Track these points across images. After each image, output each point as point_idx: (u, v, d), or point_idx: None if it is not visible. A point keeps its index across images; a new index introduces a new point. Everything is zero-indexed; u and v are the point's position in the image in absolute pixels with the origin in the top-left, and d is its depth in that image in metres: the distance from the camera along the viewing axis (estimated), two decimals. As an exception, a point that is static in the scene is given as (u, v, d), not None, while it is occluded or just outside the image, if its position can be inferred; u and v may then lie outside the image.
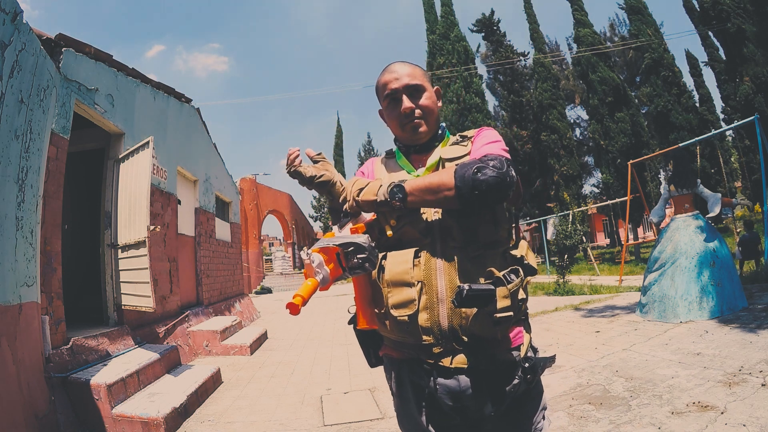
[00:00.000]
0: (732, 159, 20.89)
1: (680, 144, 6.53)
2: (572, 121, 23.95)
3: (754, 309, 4.35)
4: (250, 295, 13.21)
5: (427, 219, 0.95)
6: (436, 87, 1.11)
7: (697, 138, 7.93)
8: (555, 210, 16.73)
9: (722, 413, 2.22)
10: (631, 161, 8.16)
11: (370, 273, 0.93)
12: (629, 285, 8.56)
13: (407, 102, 1.02)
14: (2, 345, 2.28)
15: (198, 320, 5.77)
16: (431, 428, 0.97)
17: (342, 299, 11.25)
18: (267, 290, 17.61)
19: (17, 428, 2.23)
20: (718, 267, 4.58)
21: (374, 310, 0.97)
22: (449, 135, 1.12)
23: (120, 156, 4.15)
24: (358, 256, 0.83)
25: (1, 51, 2.42)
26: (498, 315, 0.85)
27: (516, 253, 0.94)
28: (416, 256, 0.92)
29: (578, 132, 24.92)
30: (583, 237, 14.58)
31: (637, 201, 13.02)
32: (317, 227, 32.27)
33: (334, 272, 0.82)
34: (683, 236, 4.85)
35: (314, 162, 1.05)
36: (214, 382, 3.86)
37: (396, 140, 1.13)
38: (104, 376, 2.90)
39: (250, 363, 4.81)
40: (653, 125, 18.66)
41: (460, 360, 0.90)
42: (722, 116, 19.32)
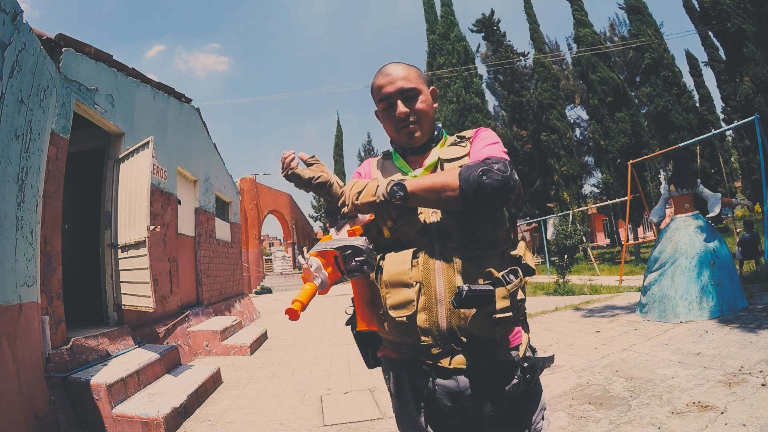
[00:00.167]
0: (732, 159, 20.89)
1: (680, 144, 6.53)
2: (572, 121, 23.96)
3: (754, 309, 4.35)
4: (250, 295, 13.21)
5: (425, 220, 0.95)
6: (432, 87, 1.10)
7: (697, 138, 7.93)
8: (555, 210, 16.72)
9: (722, 413, 2.22)
10: (631, 161, 8.16)
11: (369, 275, 0.93)
12: (629, 285, 8.56)
13: (401, 107, 1.02)
14: (2, 345, 2.28)
15: (198, 320, 5.77)
16: (430, 429, 0.97)
17: (342, 299, 11.24)
18: (267, 290, 17.62)
19: (17, 428, 2.23)
20: (718, 267, 4.58)
21: (373, 312, 0.97)
22: (446, 135, 1.12)
23: (120, 156, 4.15)
24: (356, 259, 0.83)
25: (1, 51, 2.42)
26: (497, 315, 0.85)
27: (514, 254, 0.94)
28: (414, 257, 0.92)
29: (578, 132, 24.94)
30: (583, 237, 14.58)
31: (637, 201, 13.02)
32: (317, 227, 32.27)
33: (333, 276, 0.82)
34: (683, 236, 4.85)
35: (308, 165, 1.04)
36: (214, 382, 3.86)
37: (392, 142, 1.13)
38: (104, 376, 2.90)
39: (250, 363, 4.81)
40: (653, 125, 18.65)
41: (459, 360, 0.90)
42: (722, 116, 19.32)
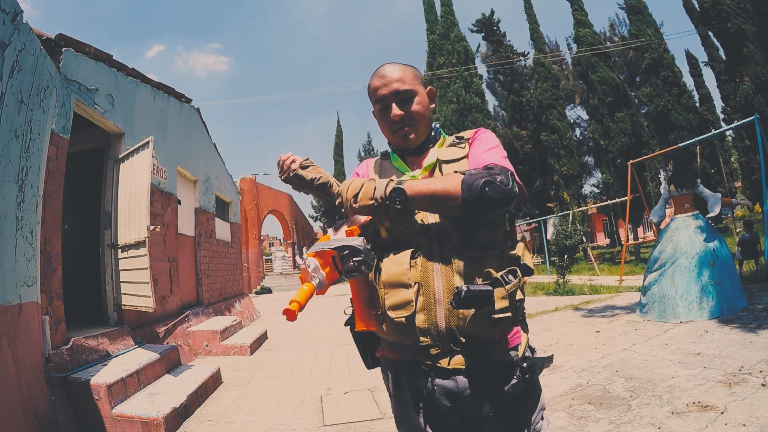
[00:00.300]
0: (732, 159, 20.89)
1: (680, 144, 6.53)
2: (572, 121, 23.95)
3: (754, 309, 4.35)
4: (250, 295, 13.21)
5: (423, 220, 0.95)
6: (429, 87, 1.09)
7: (697, 138, 7.93)
8: (555, 210, 16.70)
9: (722, 413, 2.22)
10: (631, 161, 8.16)
11: (367, 275, 0.93)
12: (629, 285, 8.56)
13: (396, 109, 1.01)
14: (2, 345, 2.28)
15: (198, 320, 5.77)
16: (429, 429, 0.97)
17: (341, 299, 11.24)
18: (267, 290, 17.62)
19: (17, 428, 2.22)
20: (718, 267, 4.58)
21: (371, 312, 0.97)
22: (445, 135, 1.11)
23: (120, 156, 4.15)
24: (354, 259, 0.82)
25: (1, 51, 2.42)
26: (496, 316, 0.84)
27: (513, 254, 0.94)
28: (413, 257, 0.92)
29: (578, 132, 24.94)
30: (583, 237, 14.57)
31: (637, 201, 13.02)
32: (317, 227, 32.27)
33: (330, 276, 0.81)
34: (683, 236, 4.85)
35: (303, 168, 1.02)
36: (214, 382, 3.86)
37: (390, 142, 1.13)
38: (104, 376, 2.90)
39: (250, 363, 4.81)
40: (653, 125, 18.65)
41: (458, 361, 0.90)
42: (722, 116, 19.32)
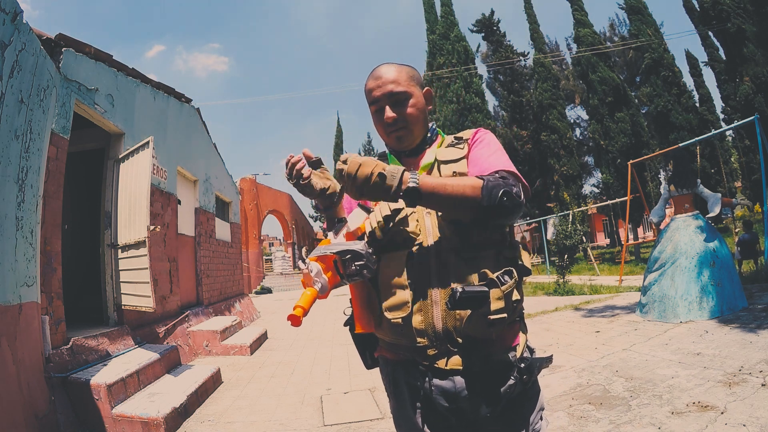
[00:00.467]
0: (732, 159, 20.88)
1: (680, 144, 6.53)
2: (572, 121, 23.94)
3: (754, 309, 4.35)
4: (250, 295, 13.21)
5: (419, 220, 0.94)
6: (427, 88, 1.08)
7: (697, 138, 7.92)
8: (555, 210, 16.69)
9: (722, 413, 2.22)
10: (631, 161, 8.15)
11: (368, 279, 0.93)
12: (629, 285, 8.56)
13: (389, 112, 1.00)
14: (2, 345, 2.28)
15: (198, 320, 5.77)
16: (427, 429, 0.97)
17: (341, 299, 11.21)
18: (267, 290, 17.62)
19: (17, 428, 2.23)
20: (718, 267, 4.58)
21: (371, 314, 0.97)
22: (444, 135, 1.10)
23: (120, 156, 4.15)
24: (356, 264, 0.82)
25: (1, 51, 2.42)
26: (492, 317, 0.84)
27: (510, 254, 0.94)
28: (409, 259, 0.92)
29: (578, 132, 24.92)
30: (583, 237, 14.56)
31: (637, 201, 13.01)
32: (317, 227, 32.26)
33: (332, 280, 0.82)
34: (683, 236, 4.85)
35: (315, 167, 0.98)
36: (214, 382, 3.86)
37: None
38: (104, 376, 2.90)
39: (250, 363, 4.81)
40: (653, 125, 18.65)
41: (455, 362, 0.90)
42: (722, 116, 19.31)
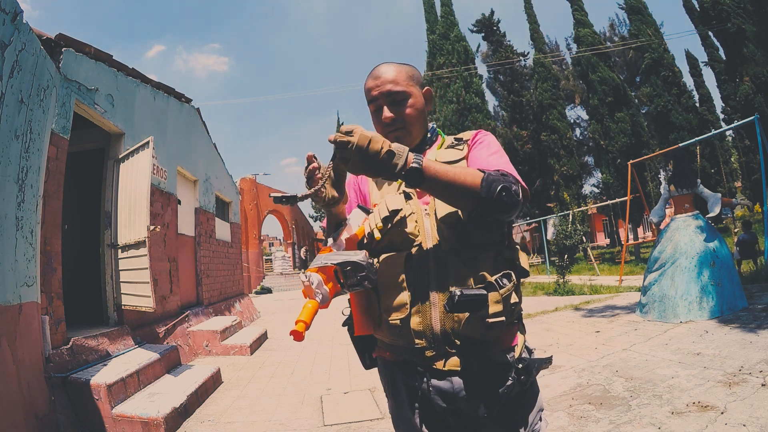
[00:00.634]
0: (732, 159, 20.87)
1: (680, 144, 6.53)
2: (572, 121, 23.93)
3: (754, 309, 4.35)
4: (250, 295, 13.20)
5: (418, 222, 0.94)
6: (426, 88, 1.07)
7: (697, 138, 7.92)
8: (555, 210, 16.70)
9: (722, 413, 2.22)
10: (631, 161, 8.16)
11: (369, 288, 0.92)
12: (629, 285, 8.56)
13: (387, 112, 1.00)
14: (2, 345, 2.28)
15: (198, 320, 5.77)
16: (425, 430, 0.97)
17: (341, 299, 11.21)
18: (267, 290, 17.62)
19: (17, 428, 2.22)
20: (718, 267, 4.58)
21: (370, 317, 0.97)
22: (444, 136, 1.10)
23: (120, 156, 4.15)
24: (358, 275, 0.83)
25: (1, 51, 2.42)
26: (490, 320, 0.85)
27: (509, 255, 0.94)
28: (407, 260, 0.92)
29: (578, 132, 24.91)
30: (583, 237, 14.57)
31: (637, 201, 13.01)
32: (317, 227, 32.26)
33: (333, 290, 0.82)
34: (683, 236, 4.85)
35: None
36: (214, 382, 3.86)
37: None
38: (104, 376, 2.90)
39: (250, 363, 4.80)
40: (653, 125, 18.65)
41: (453, 363, 0.90)
42: (722, 116, 19.30)
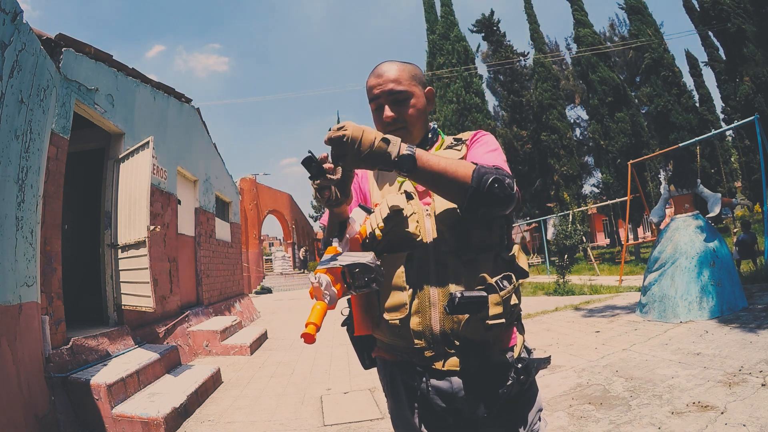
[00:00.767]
0: (732, 159, 20.87)
1: (680, 144, 6.53)
2: (572, 121, 23.93)
3: (754, 309, 4.35)
4: (250, 295, 13.20)
5: (419, 222, 0.94)
6: (429, 88, 1.07)
7: (697, 138, 7.92)
8: (555, 210, 16.71)
9: (722, 413, 2.22)
10: (631, 161, 8.16)
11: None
12: (629, 285, 8.56)
13: (388, 111, 0.99)
14: (2, 345, 2.28)
15: (198, 320, 5.77)
16: (424, 430, 0.97)
17: (342, 299, 11.23)
18: (267, 290, 17.61)
19: (17, 428, 2.22)
20: (718, 267, 4.58)
21: (370, 317, 0.97)
22: (444, 136, 1.10)
23: (120, 156, 4.15)
24: (366, 277, 0.83)
25: (1, 51, 2.42)
26: (490, 322, 0.85)
27: (508, 257, 0.94)
28: (408, 260, 0.92)
29: (578, 132, 24.91)
30: (583, 237, 14.58)
31: (637, 201, 13.01)
32: (317, 227, 32.27)
33: (340, 291, 0.82)
34: (683, 236, 4.85)
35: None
36: (214, 382, 3.86)
37: None
38: (104, 376, 2.90)
39: (250, 363, 4.81)
40: (653, 125, 18.65)
41: (452, 363, 0.90)
42: (722, 116, 19.29)
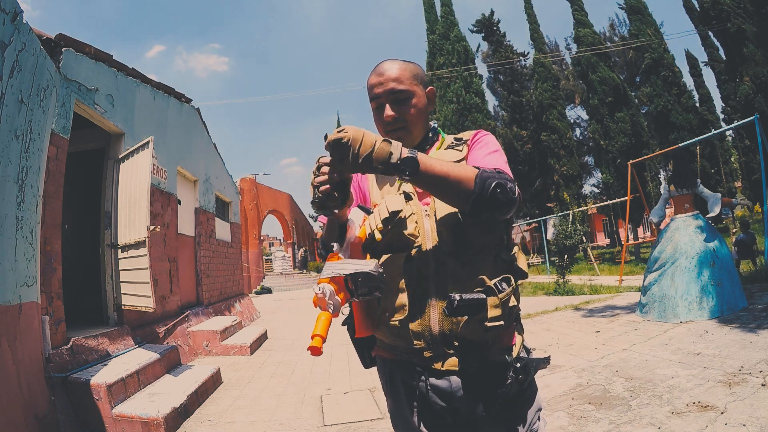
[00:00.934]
0: (732, 159, 20.87)
1: (680, 144, 6.53)
2: (572, 121, 23.93)
3: (754, 309, 4.35)
4: (250, 295, 13.20)
5: (418, 223, 0.94)
6: (430, 87, 1.06)
7: (697, 138, 7.92)
8: (555, 210, 16.70)
9: (722, 413, 2.22)
10: (631, 161, 8.16)
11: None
12: (629, 285, 8.56)
13: (389, 110, 0.99)
14: (2, 345, 2.28)
15: (198, 320, 5.77)
16: (424, 429, 0.97)
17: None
18: (267, 290, 17.61)
19: (17, 428, 2.22)
20: (718, 267, 4.58)
21: (371, 319, 0.97)
22: (444, 135, 1.10)
23: (120, 156, 4.15)
24: (369, 285, 0.83)
25: (1, 51, 2.42)
26: (488, 324, 0.85)
27: (507, 257, 0.94)
28: (407, 262, 0.92)
29: (578, 132, 24.92)
30: (583, 237, 14.57)
31: (637, 201, 13.01)
32: (317, 227, 32.25)
33: (344, 299, 0.83)
34: (683, 236, 4.85)
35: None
36: (214, 382, 3.86)
37: None
38: (104, 376, 2.90)
39: (250, 363, 4.80)
40: (653, 125, 18.65)
41: (452, 363, 0.90)
42: (722, 116, 19.29)
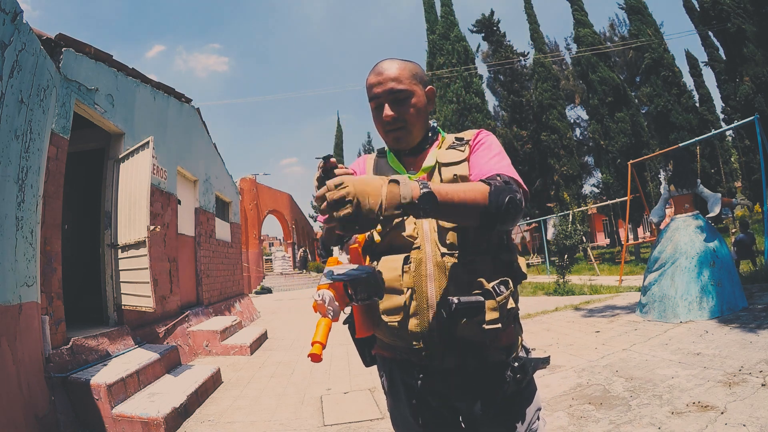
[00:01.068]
0: (732, 159, 20.86)
1: (680, 144, 6.53)
2: (572, 121, 23.95)
3: (754, 309, 4.35)
4: (250, 295, 13.20)
5: (416, 224, 0.94)
6: (429, 87, 1.05)
7: (697, 138, 7.92)
8: (555, 210, 16.69)
9: (722, 413, 2.22)
10: (631, 161, 8.15)
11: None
12: (629, 285, 8.56)
13: (388, 110, 0.98)
14: (2, 345, 2.28)
15: (198, 320, 5.77)
16: (423, 428, 0.97)
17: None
18: (267, 290, 17.61)
19: (17, 428, 2.22)
20: (718, 267, 4.58)
21: (371, 320, 0.98)
22: (444, 135, 1.09)
23: (120, 156, 4.15)
24: (367, 290, 0.84)
25: (1, 51, 2.42)
26: (486, 327, 0.85)
27: (506, 258, 0.94)
28: (406, 263, 0.92)
29: (578, 132, 24.93)
30: (583, 237, 14.55)
31: (637, 201, 13.01)
32: (317, 227, 32.27)
33: (343, 304, 0.83)
34: (683, 236, 4.84)
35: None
36: (214, 382, 3.86)
37: None
38: (104, 376, 2.90)
39: (250, 363, 4.80)
40: (653, 125, 18.65)
41: (450, 363, 0.91)
42: (722, 116, 19.29)
